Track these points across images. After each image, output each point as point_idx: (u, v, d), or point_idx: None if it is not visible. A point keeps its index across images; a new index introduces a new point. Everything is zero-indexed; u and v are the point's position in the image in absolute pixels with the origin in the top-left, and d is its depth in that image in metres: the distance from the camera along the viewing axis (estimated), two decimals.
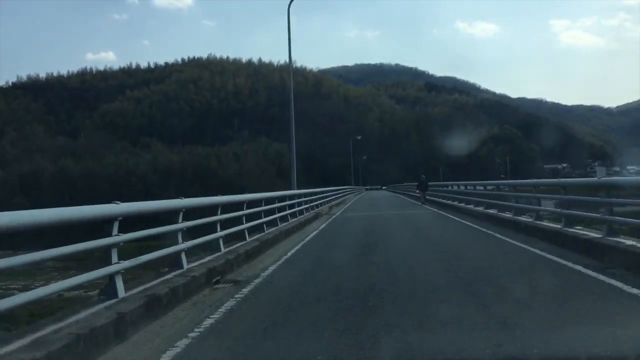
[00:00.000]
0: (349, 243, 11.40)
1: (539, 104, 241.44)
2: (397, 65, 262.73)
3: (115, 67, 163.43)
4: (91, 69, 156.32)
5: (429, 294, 5.68)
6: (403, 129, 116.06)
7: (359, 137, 74.82)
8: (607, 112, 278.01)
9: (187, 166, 78.23)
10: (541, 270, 6.99)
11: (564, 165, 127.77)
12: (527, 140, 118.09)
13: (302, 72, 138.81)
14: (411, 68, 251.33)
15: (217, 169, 75.06)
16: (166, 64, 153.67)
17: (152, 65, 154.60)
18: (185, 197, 7.13)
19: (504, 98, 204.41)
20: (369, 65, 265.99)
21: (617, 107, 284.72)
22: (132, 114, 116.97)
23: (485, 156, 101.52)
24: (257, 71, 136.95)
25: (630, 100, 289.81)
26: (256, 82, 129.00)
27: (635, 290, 5.22)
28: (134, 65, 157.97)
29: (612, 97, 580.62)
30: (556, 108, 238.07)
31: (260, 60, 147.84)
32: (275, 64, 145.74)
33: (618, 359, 3.47)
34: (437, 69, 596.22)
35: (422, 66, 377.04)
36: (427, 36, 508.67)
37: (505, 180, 58.61)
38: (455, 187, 22.98)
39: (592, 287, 5.61)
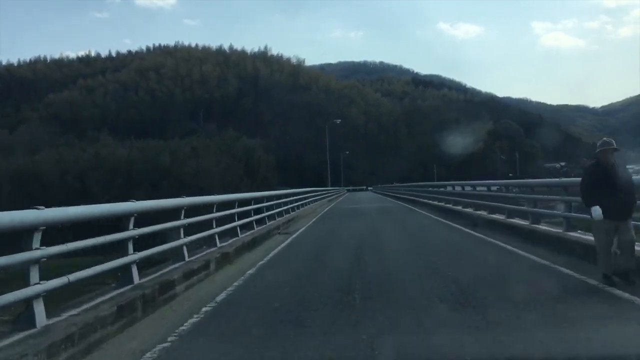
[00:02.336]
0: None
1: (524, 103, 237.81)
2: (381, 63, 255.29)
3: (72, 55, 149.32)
4: (45, 57, 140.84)
5: None
6: (390, 122, 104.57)
7: (338, 121, 63.21)
8: (593, 112, 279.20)
9: (136, 163, 65.82)
10: None
11: (562, 164, 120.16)
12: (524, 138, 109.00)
13: (278, 61, 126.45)
14: (396, 66, 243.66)
15: (170, 166, 62.98)
16: (129, 52, 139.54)
17: (113, 54, 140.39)
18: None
19: (492, 97, 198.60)
20: (352, 62, 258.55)
21: (602, 107, 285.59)
22: (82, 105, 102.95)
23: (482, 153, 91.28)
24: (227, 59, 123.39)
25: (615, 101, 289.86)
26: (226, 71, 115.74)
27: None
28: (93, 53, 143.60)
29: (595, 97, 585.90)
30: (542, 108, 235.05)
31: (231, 47, 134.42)
32: (248, 52, 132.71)
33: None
34: (422, 67, 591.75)
35: (407, 65, 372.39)
36: (410, 37, 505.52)
37: (515, 179, 47.87)
38: None
39: None
